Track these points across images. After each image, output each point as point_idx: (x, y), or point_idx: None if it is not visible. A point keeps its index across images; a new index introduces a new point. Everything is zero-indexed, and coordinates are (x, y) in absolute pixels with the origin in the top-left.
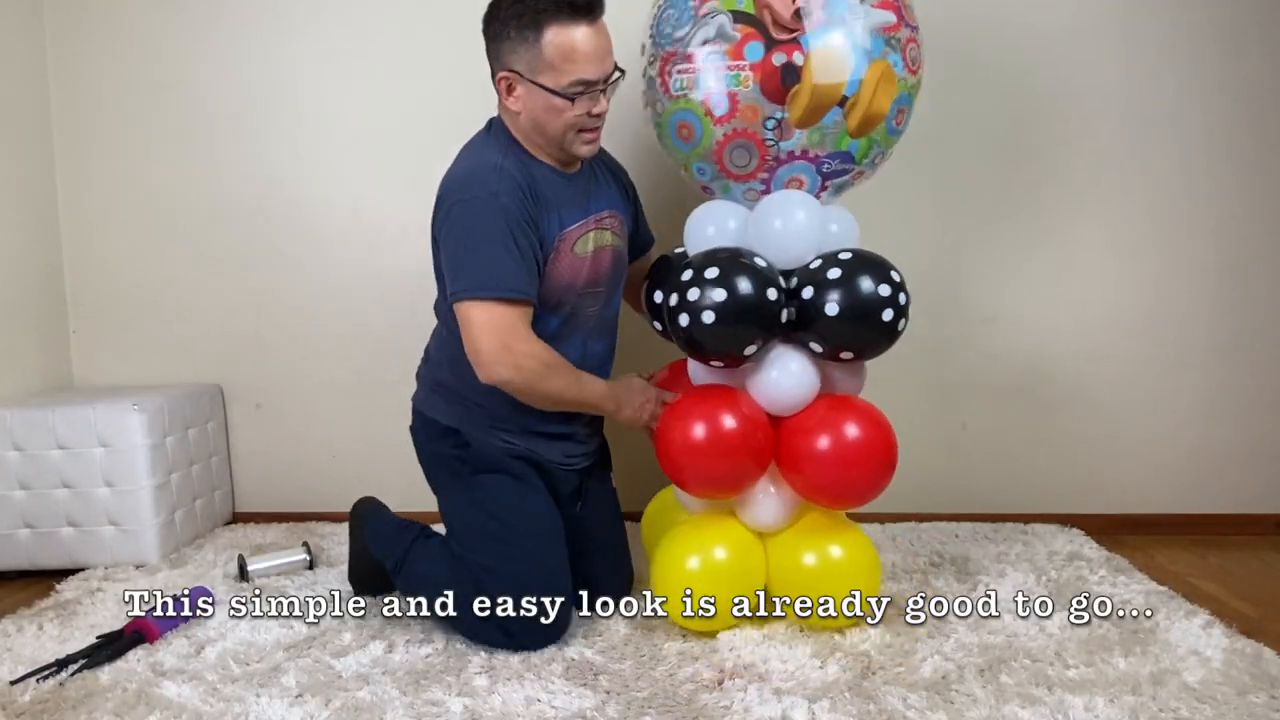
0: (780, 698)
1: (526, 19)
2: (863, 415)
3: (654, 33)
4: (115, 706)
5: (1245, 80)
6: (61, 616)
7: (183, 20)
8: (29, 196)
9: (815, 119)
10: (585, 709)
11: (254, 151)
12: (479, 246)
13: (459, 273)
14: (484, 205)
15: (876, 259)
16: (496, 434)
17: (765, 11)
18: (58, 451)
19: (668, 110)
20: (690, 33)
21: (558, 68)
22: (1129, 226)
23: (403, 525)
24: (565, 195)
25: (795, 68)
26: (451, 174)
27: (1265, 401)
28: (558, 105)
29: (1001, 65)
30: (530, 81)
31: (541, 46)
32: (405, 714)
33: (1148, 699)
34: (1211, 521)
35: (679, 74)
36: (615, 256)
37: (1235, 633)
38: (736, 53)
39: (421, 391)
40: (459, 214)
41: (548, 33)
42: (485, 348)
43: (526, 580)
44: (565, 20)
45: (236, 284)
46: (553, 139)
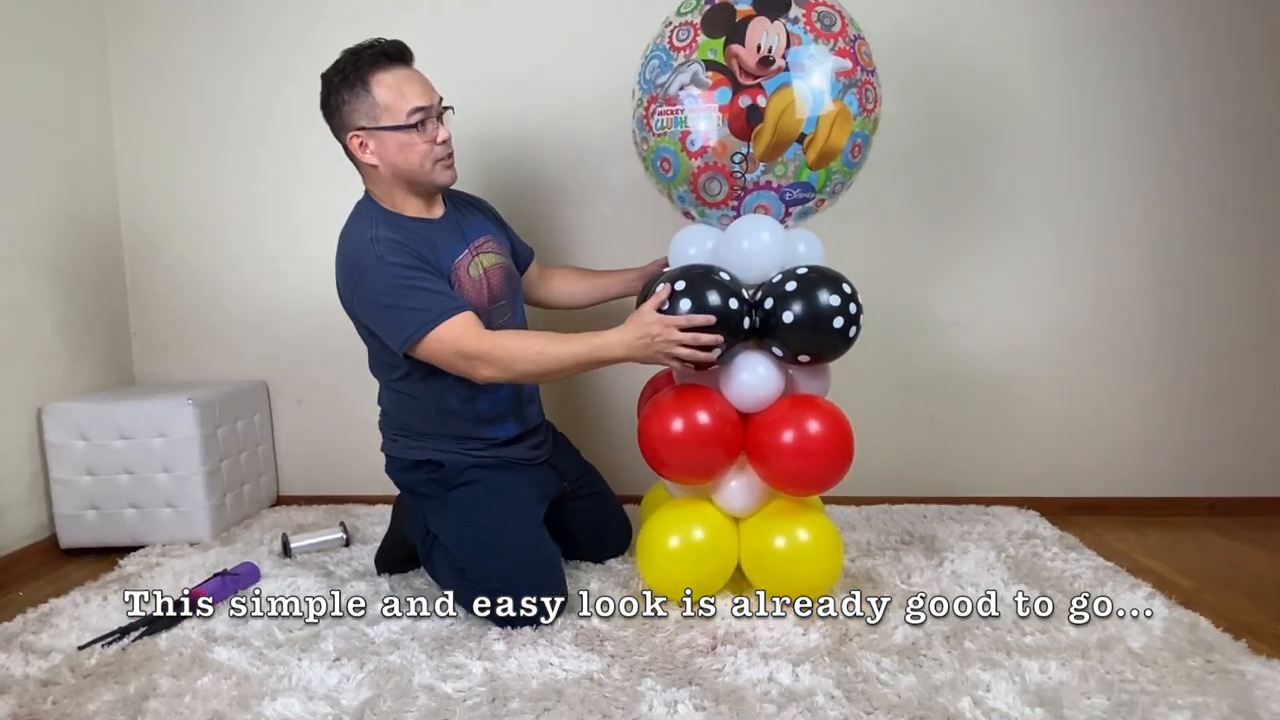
0: (767, 661)
1: (353, 78)
2: (822, 412)
3: (640, 79)
4: (172, 669)
5: (1177, 111)
6: (124, 588)
7: (234, 46)
8: (95, 215)
9: (777, 154)
10: (593, 671)
11: (293, 168)
12: (394, 301)
13: (394, 328)
14: (377, 272)
15: (831, 273)
16: (465, 449)
17: (733, 60)
18: (121, 441)
19: (651, 146)
20: (670, 79)
21: (393, 106)
22: (1076, 241)
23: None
24: (441, 234)
25: (759, 109)
26: (339, 262)
27: (1199, 397)
28: (406, 140)
29: (963, 101)
30: (376, 129)
31: (374, 95)
32: (431, 676)
33: (1095, 663)
34: (1152, 504)
35: (659, 115)
36: (505, 272)
37: (1174, 603)
38: (708, 96)
39: (386, 441)
40: (363, 290)
41: (374, 82)
42: (458, 365)
43: (511, 576)
44: (384, 67)
45: (280, 290)
46: (415, 175)
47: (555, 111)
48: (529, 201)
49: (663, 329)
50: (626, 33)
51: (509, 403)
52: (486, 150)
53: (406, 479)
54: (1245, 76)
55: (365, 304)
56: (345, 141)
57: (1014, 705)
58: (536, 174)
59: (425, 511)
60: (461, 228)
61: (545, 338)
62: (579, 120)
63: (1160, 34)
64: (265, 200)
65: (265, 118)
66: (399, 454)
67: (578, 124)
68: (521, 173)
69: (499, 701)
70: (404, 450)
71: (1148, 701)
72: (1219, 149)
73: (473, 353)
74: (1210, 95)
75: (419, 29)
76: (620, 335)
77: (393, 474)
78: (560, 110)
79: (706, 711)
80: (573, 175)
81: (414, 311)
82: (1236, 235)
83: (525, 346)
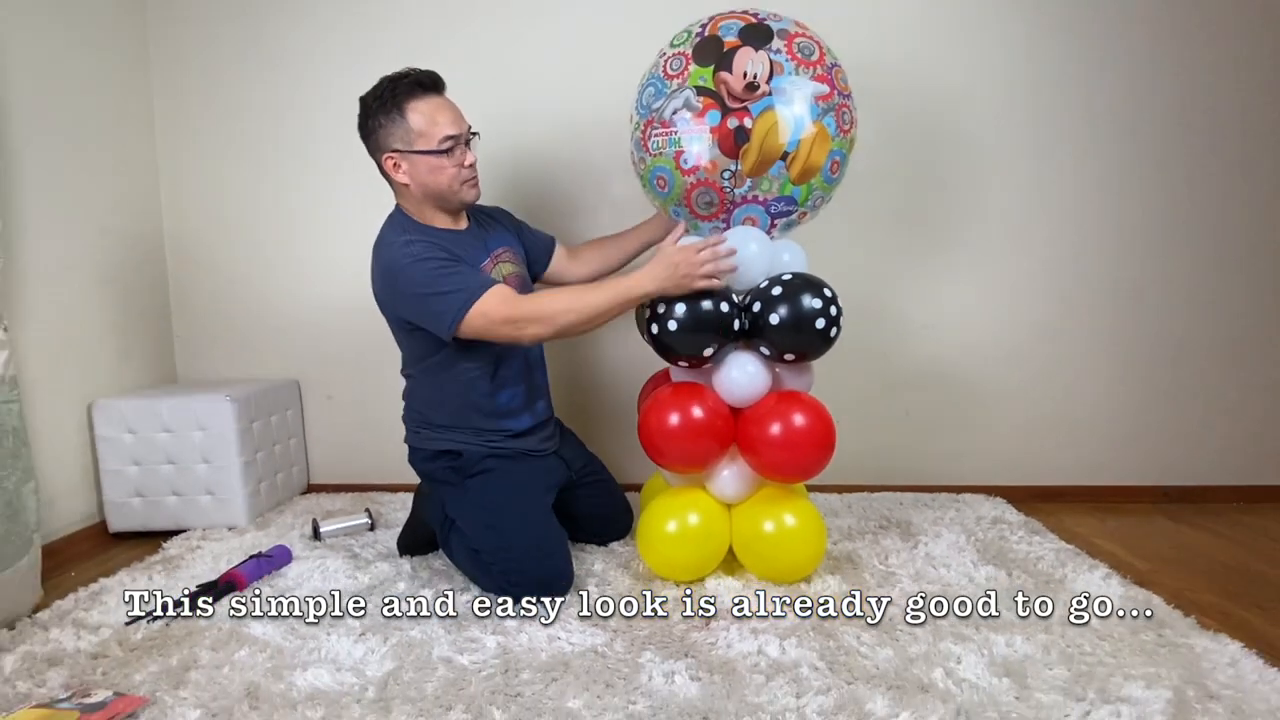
0: (756, 635)
1: (390, 105)
2: (806, 407)
3: (638, 105)
4: (211, 642)
5: (1131, 131)
6: (167, 569)
7: (268, 67)
8: (141, 229)
9: (762, 171)
10: (597, 644)
11: (322, 181)
12: (433, 289)
13: (438, 313)
14: (413, 268)
15: (813, 279)
16: (482, 441)
17: (722, 86)
18: (164, 434)
19: (649, 165)
20: (664, 104)
21: (426, 133)
22: (1037, 251)
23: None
24: (465, 244)
25: (745, 130)
26: (376, 270)
27: (1153, 393)
28: (437, 164)
29: (933, 125)
30: (410, 153)
31: (408, 121)
32: (449, 649)
33: (1057, 637)
34: (1110, 492)
35: (655, 136)
36: (520, 281)
37: (1129, 583)
38: (699, 119)
39: (409, 433)
40: (402, 287)
41: (409, 109)
42: (504, 332)
43: (522, 558)
44: (419, 95)
45: (310, 296)
46: (443, 194)
47: (563, 134)
48: (541, 213)
49: (684, 256)
50: (625, 63)
51: (524, 398)
52: (504, 168)
53: (427, 468)
54: (1196, 96)
55: (407, 300)
56: (380, 161)
57: (982, 676)
58: (547, 189)
59: (444, 498)
60: (484, 239)
61: (578, 289)
62: (584, 141)
63: (1115, 58)
64: (296, 212)
65: (298, 134)
66: (421, 445)
67: (583, 145)
68: (534, 188)
69: (511, 672)
70: (426, 441)
71: (1104, 672)
72: (1167, 168)
73: (516, 316)
74: (1163, 116)
75: (449, 63)
76: (647, 271)
77: (415, 464)
78: (567, 133)
79: (701, 682)
80: (579, 190)
81: (454, 293)
82: (1186, 244)
83: (562, 299)
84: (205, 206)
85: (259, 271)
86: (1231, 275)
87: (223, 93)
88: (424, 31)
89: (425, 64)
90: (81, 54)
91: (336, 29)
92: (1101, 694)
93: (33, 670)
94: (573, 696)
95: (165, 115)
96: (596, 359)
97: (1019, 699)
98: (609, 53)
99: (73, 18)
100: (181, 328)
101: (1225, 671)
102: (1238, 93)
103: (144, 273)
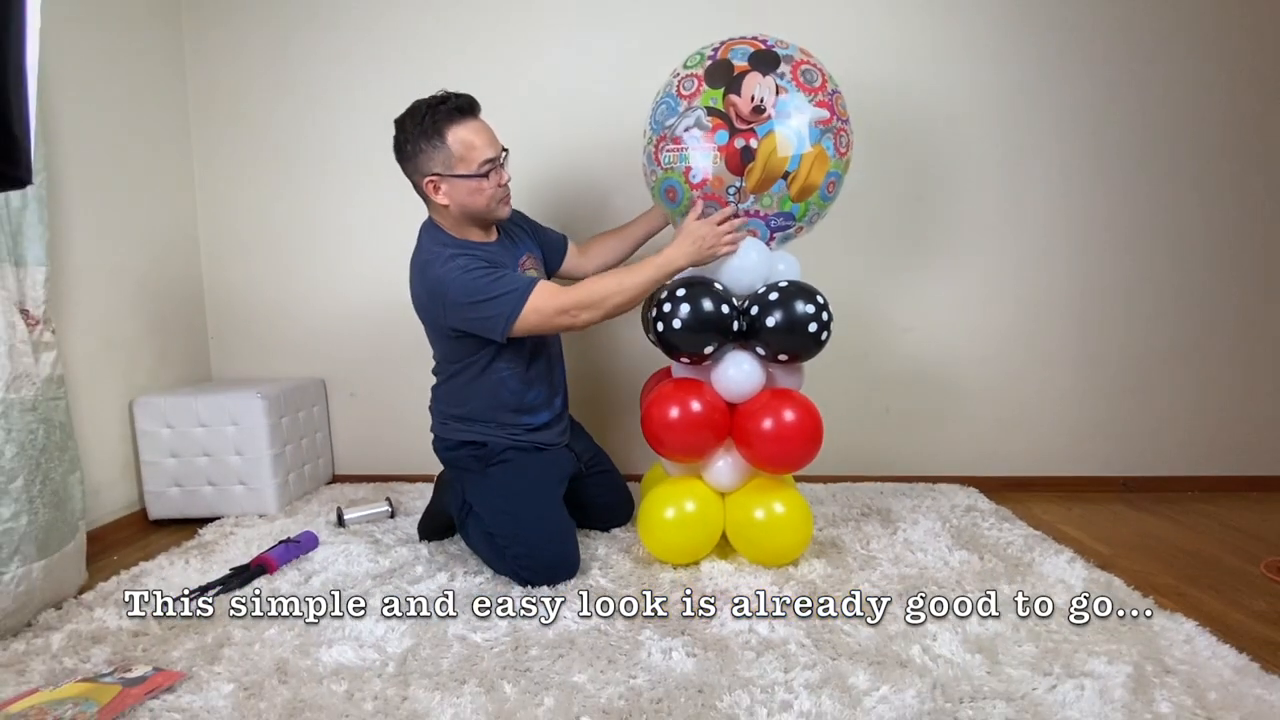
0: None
1: (430, 130)
2: (796, 404)
3: (651, 121)
4: (244, 621)
5: (1097, 149)
6: (203, 554)
7: (293, 96)
8: (178, 237)
9: (765, 188)
10: (600, 624)
11: (343, 200)
12: (484, 296)
13: (491, 318)
14: (461, 282)
15: (807, 287)
16: (505, 433)
17: (731, 108)
18: (199, 429)
19: (659, 178)
20: (676, 121)
21: (466, 157)
22: (1012, 259)
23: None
24: (496, 255)
25: (751, 150)
26: (420, 284)
27: (1116, 390)
28: (477, 186)
29: (915, 145)
30: (450, 176)
31: (449, 147)
32: (464, 628)
33: (1026, 617)
34: (1075, 482)
35: (667, 152)
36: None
37: (1093, 566)
38: (709, 137)
39: (436, 423)
40: (452, 301)
41: (449, 135)
42: (560, 323)
43: (535, 542)
44: (458, 120)
45: (336, 300)
46: (481, 212)
47: (577, 145)
48: (559, 219)
49: (708, 229)
50: (637, 84)
51: (546, 394)
52: (527, 178)
53: (451, 456)
54: (1160, 110)
55: (459, 310)
56: (419, 183)
57: (957, 652)
58: (566, 196)
59: (464, 484)
60: (512, 250)
61: (617, 274)
62: (601, 154)
63: (1087, 69)
64: (320, 221)
65: (320, 147)
66: (447, 435)
67: (599, 157)
68: (553, 196)
69: (521, 649)
70: (452, 432)
71: (1069, 649)
72: (1132, 178)
73: (568, 305)
74: (1129, 131)
75: (477, 81)
76: (677, 248)
77: (439, 451)
78: (581, 145)
79: (697, 658)
80: (596, 198)
81: (504, 296)
82: (1148, 249)
83: (607, 283)
84: (237, 216)
85: (287, 276)
86: (1191, 278)
87: (252, 108)
88: (438, 50)
89: (440, 80)
90: (122, 74)
91: (355, 51)
92: (1067, 669)
93: (78, 647)
94: (578, 671)
95: (200, 129)
96: (603, 357)
97: (990, 674)
98: (621, 73)
99: (113, 40)
100: (215, 330)
101: (1181, 648)
102: (1206, 101)
103: (181, 279)
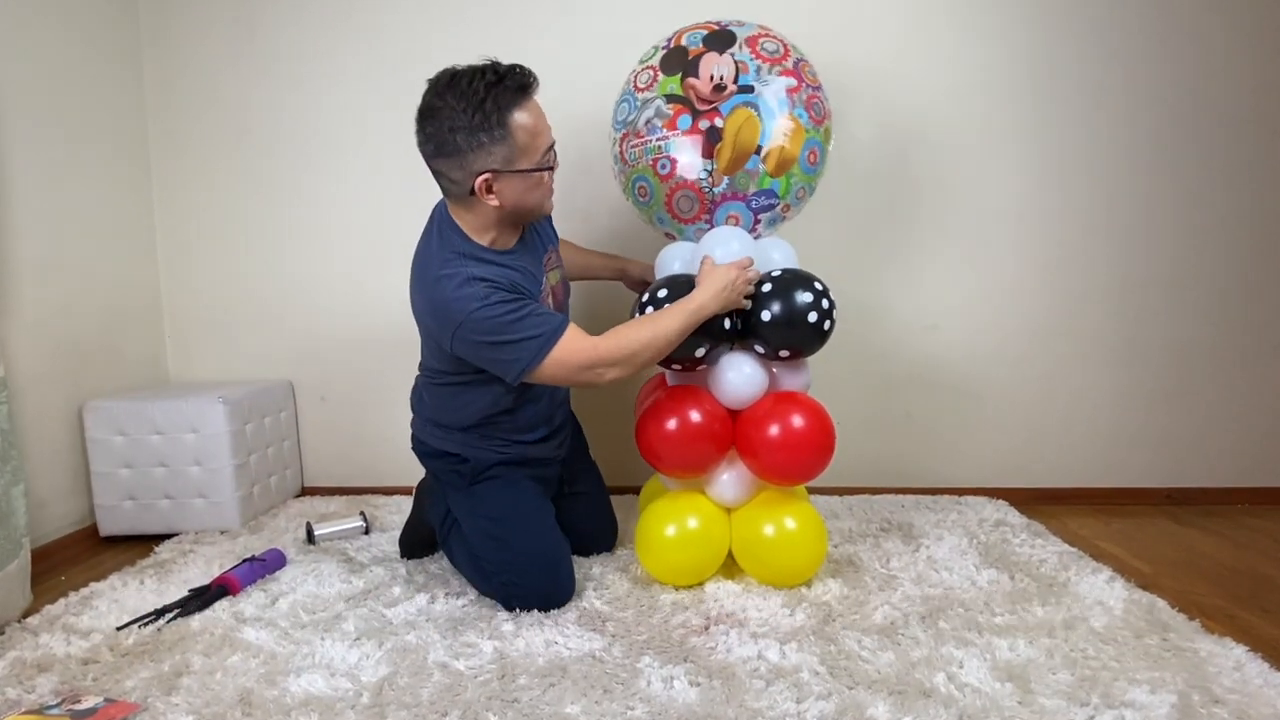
0: (756, 640)
1: (493, 119)
2: (804, 407)
3: (613, 121)
4: (204, 648)
5: (1137, 130)
6: (159, 573)
7: (261, 80)
8: (133, 228)
9: (738, 166)
10: (594, 649)
11: (315, 187)
12: (504, 338)
13: (507, 363)
14: (481, 310)
15: (803, 274)
16: (491, 448)
17: (690, 91)
18: (156, 436)
19: (629, 176)
20: (636, 116)
21: (529, 146)
22: (1039, 250)
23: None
24: (524, 260)
25: (717, 129)
26: (426, 299)
27: (1156, 394)
28: (536, 180)
29: (932, 125)
30: (509, 172)
31: (514, 137)
32: (445, 654)
33: (1060, 641)
34: (1113, 494)
35: (632, 148)
36: (565, 285)
37: (1133, 586)
38: (671, 125)
39: (419, 423)
40: (466, 331)
41: (512, 123)
42: (582, 378)
43: (525, 569)
44: (520, 102)
45: (304, 298)
46: (533, 209)
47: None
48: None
49: (737, 272)
50: (618, 66)
51: (546, 411)
52: None
53: (431, 463)
54: (1202, 88)
55: (470, 348)
56: (467, 183)
57: (985, 680)
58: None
59: (448, 493)
60: (535, 247)
61: (646, 322)
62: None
63: (1115, 51)
64: (288, 212)
65: (290, 137)
66: (427, 440)
67: (581, 147)
68: None
69: (508, 678)
70: (432, 438)
71: (1108, 676)
72: (1173, 164)
73: (593, 362)
74: (1167, 109)
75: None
76: (708, 291)
77: (418, 453)
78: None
79: (700, 687)
80: (579, 191)
81: (525, 342)
82: (1191, 244)
83: (637, 337)
84: (196, 207)
85: (251, 270)
86: (1237, 275)
87: (216, 92)
88: (418, 40)
89: (425, 69)
90: (74, 52)
91: (329, 35)
92: (1105, 699)
93: (22, 676)
94: (570, 702)
95: (157, 114)
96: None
97: (1022, 704)
98: (601, 56)
99: (68, 18)
100: (173, 328)
101: (1231, 676)
102: (1249, 84)
103: (136, 273)
